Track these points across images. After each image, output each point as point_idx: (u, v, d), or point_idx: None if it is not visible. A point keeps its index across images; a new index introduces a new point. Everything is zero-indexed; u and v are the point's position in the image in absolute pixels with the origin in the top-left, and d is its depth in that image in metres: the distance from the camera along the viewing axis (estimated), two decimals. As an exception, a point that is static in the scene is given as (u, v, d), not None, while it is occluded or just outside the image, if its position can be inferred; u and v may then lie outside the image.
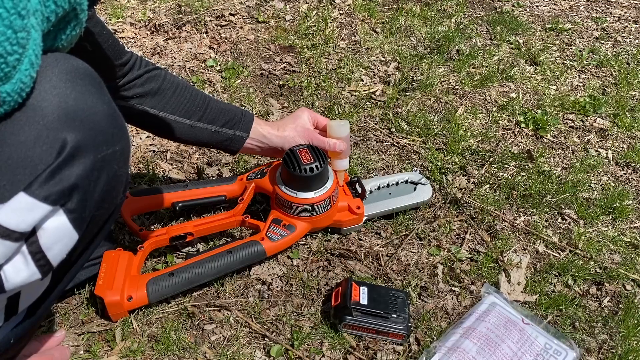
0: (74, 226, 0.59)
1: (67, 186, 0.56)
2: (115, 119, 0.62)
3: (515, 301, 1.06)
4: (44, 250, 0.57)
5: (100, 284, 0.94)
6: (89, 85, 0.59)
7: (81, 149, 0.56)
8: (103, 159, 0.59)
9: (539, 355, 0.95)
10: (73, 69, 0.59)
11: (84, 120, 0.57)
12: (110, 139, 0.60)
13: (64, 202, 0.57)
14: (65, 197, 0.56)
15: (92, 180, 0.59)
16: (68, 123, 0.56)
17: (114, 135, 0.61)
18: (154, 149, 1.35)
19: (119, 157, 0.63)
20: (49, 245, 0.58)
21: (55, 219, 0.57)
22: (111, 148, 0.61)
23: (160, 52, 1.68)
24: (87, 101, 0.58)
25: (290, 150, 1.07)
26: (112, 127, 0.61)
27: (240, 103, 1.52)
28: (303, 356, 0.94)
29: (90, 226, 0.64)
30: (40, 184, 0.54)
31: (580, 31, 2.08)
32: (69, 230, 0.59)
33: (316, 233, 1.15)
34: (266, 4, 1.98)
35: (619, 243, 1.22)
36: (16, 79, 0.50)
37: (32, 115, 0.54)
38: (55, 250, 0.59)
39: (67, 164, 0.55)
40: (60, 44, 0.59)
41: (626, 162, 1.48)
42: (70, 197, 0.57)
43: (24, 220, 0.54)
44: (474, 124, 1.54)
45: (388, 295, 1.00)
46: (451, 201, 1.27)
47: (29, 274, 0.57)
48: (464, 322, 0.99)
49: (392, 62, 1.76)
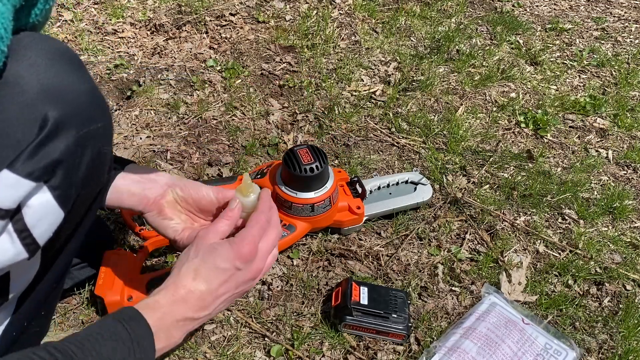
0: (58, 203, 0.59)
1: (51, 162, 0.56)
2: (96, 97, 0.61)
3: (516, 301, 1.06)
4: (29, 228, 0.57)
5: (100, 284, 0.94)
6: (69, 64, 0.59)
7: (63, 125, 0.56)
8: (86, 136, 0.59)
9: (539, 355, 0.95)
10: (52, 48, 0.58)
11: (65, 97, 0.57)
12: (93, 116, 0.60)
13: (47, 179, 0.56)
14: (49, 174, 0.56)
15: (76, 157, 0.59)
16: (49, 99, 0.55)
17: (96, 112, 0.61)
18: (154, 149, 1.35)
19: (102, 134, 0.62)
20: (34, 223, 0.57)
21: (39, 196, 0.57)
22: (93, 125, 0.60)
23: (160, 52, 1.68)
24: (67, 79, 0.58)
25: (291, 150, 1.07)
26: (93, 105, 0.61)
27: (241, 103, 1.52)
28: (303, 356, 0.94)
29: (77, 205, 0.64)
30: (23, 160, 0.53)
31: (580, 31, 2.08)
32: (54, 207, 0.58)
33: (316, 233, 1.15)
34: (266, 4, 1.98)
35: (619, 243, 1.22)
36: None
37: (12, 93, 0.53)
38: (41, 228, 0.58)
39: (49, 139, 0.55)
40: (36, 20, 0.59)
41: (626, 162, 1.48)
42: (54, 174, 0.57)
43: (9, 197, 0.53)
44: (474, 124, 1.54)
45: (388, 295, 1.00)
46: (451, 201, 1.27)
47: (15, 253, 0.57)
48: (464, 322, 0.99)
49: (392, 62, 1.76)
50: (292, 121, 1.48)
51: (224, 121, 1.45)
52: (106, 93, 1.51)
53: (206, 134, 1.41)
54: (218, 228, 0.74)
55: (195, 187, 0.82)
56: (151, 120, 1.43)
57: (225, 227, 0.74)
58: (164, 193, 0.81)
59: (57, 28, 1.73)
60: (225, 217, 0.76)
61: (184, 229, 0.80)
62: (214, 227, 0.74)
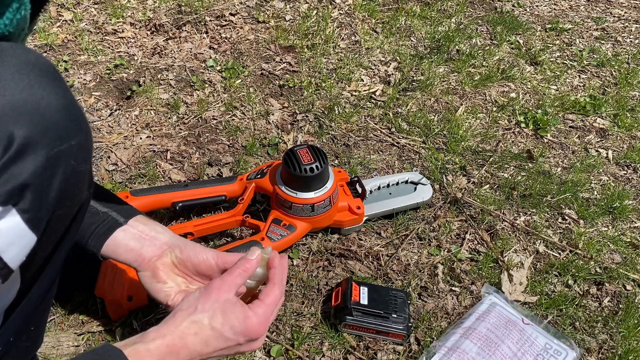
0: (29, 227, 0.56)
1: (18, 185, 0.52)
2: (70, 112, 0.57)
3: (516, 301, 1.06)
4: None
5: (100, 284, 0.94)
6: (40, 77, 0.55)
7: (31, 145, 0.52)
8: (57, 155, 0.55)
9: (539, 355, 0.95)
10: (23, 59, 0.54)
11: (33, 114, 0.53)
12: (64, 133, 0.56)
13: (15, 202, 0.53)
14: (16, 197, 0.53)
15: (45, 178, 0.55)
16: (15, 117, 0.51)
17: (68, 129, 0.57)
18: (154, 149, 1.35)
19: (76, 152, 0.58)
20: (4, 248, 0.54)
21: (7, 220, 0.53)
22: (65, 143, 0.56)
23: (160, 52, 1.68)
24: (37, 94, 0.54)
25: (291, 150, 1.07)
26: (67, 121, 0.57)
27: (241, 103, 1.52)
28: (303, 356, 0.94)
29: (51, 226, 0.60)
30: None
31: (580, 31, 2.08)
32: (24, 231, 0.55)
33: (316, 233, 1.15)
34: (266, 4, 1.98)
35: (619, 243, 1.22)
36: None
37: None
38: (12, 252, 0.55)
39: (15, 161, 0.52)
40: (5, 30, 0.55)
41: (626, 162, 1.48)
42: (22, 197, 0.53)
43: None
44: (474, 124, 1.54)
45: (388, 295, 1.00)
46: (451, 201, 1.27)
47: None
48: (464, 322, 0.99)
49: (392, 62, 1.76)
50: (292, 121, 1.48)
51: (224, 121, 1.45)
52: (106, 93, 1.51)
53: (206, 134, 1.41)
54: (233, 280, 0.71)
55: (195, 250, 0.79)
56: (151, 120, 1.43)
57: (240, 280, 0.71)
58: (162, 254, 0.79)
59: (57, 28, 1.73)
60: (242, 268, 0.72)
61: (178, 292, 0.78)
62: (228, 279, 0.71)
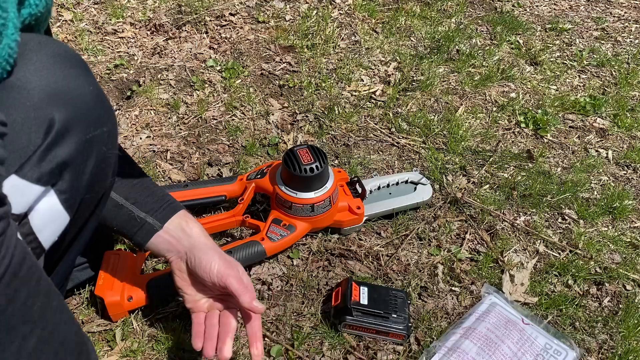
0: (65, 207, 0.59)
1: (58, 166, 0.56)
2: (102, 101, 0.62)
3: (516, 301, 1.06)
4: (35, 232, 0.57)
5: (100, 284, 0.94)
6: (75, 68, 0.59)
7: (69, 128, 0.56)
8: (91, 140, 0.59)
9: (539, 355, 0.95)
10: (57, 51, 0.58)
11: (71, 100, 0.57)
12: (98, 120, 0.60)
13: (54, 182, 0.57)
14: (55, 177, 0.56)
15: (82, 161, 0.59)
16: (55, 102, 0.55)
17: (101, 116, 0.61)
18: (154, 149, 1.35)
19: (107, 138, 0.62)
20: (40, 228, 0.57)
21: (46, 200, 0.57)
22: (99, 129, 0.60)
23: (160, 52, 1.68)
24: (73, 82, 0.58)
25: (290, 150, 1.07)
26: (99, 108, 0.61)
27: (241, 103, 1.52)
28: (303, 356, 0.94)
29: (81, 209, 0.64)
30: (31, 166, 0.53)
31: (580, 31, 2.08)
32: (60, 211, 0.59)
33: (316, 233, 1.15)
34: (266, 4, 1.98)
35: (619, 243, 1.22)
36: (4, 44, 0.49)
37: (18, 97, 0.53)
38: (47, 232, 0.59)
39: (56, 143, 0.55)
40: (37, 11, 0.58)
41: (626, 162, 1.48)
42: (61, 177, 0.57)
43: (18, 203, 0.53)
44: (474, 124, 1.54)
45: (388, 295, 1.00)
46: (451, 201, 1.27)
47: None
48: (464, 322, 0.99)
49: (392, 62, 1.76)
50: (292, 121, 1.48)
51: (223, 121, 1.45)
52: (106, 93, 1.50)
53: (206, 134, 1.41)
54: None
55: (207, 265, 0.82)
56: (151, 120, 1.43)
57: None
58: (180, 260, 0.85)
59: (57, 28, 1.73)
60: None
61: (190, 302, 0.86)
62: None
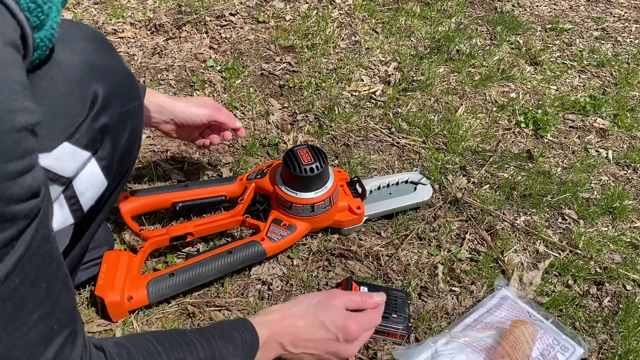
0: (104, 173, 0.66)
1: (101, 135, 0.63)
2: (133, 78, 0.70)
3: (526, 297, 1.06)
4: (77, 195, 0.63)
5: (100, 284, 0.94)
6: (106, 46, 0.67)
7: (110, 101, 0.63)
8: (127, 112, 0.67)
9: (545, 350, 0.96)
10: (92, 33, 0.66)
11: (109, 77, 0.64)
12: (131, 95, 0.68)
13: (96, 150, 0.63)
14: (98, 144, 0.63)
15: (119, 131, 0.66)
16: (96, 77, 0.62)
17: (134, 92, 0.69)
18: (154, 149, 1.35)
19: (138, 112, 0.70)
20: (83, 191, 0.64)
21: (89, 167, 0.63)
22: (133, 103, 0.68)
23: (160, 52, 1.68)
24: (108, 60, 0.65)
25: (291, 150, 1.07)
26: (131, 85, 0.69)
27: (241, 103, 1.52)
28: (303, 356, 0.94)
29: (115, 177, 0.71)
30: (81, 133, 0.60)
31: (580, 31, 2.08)
32: (100, 177, 0.65)
33: (316, 233, 1.15)
34: (266, 4, 1.98)
35: (619, 243, 1.22)
36: (48, 25, 0.53)
37: (64, 71, 0.60)
38: (88, 195, 0.65)
39: (100, 114, 0.62)
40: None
41: (626, 162, 1.48)
42: (102, 145, 0.64)
43: (69, 166, 0.60)
44: (474, 124, 1.54)
45: (388, 295, 1.00)
46: (451, 201, 1.27)
47: (63, 219, 0.63)
48: (473, 314, 1.00)
49: (392, 62, 1.76)
50: (292, 121, 1.48)
51: (224, 121, 1.45)
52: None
53: (206, 134, 1.41)
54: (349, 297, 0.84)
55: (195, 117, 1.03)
56: (151, 120, 1.43)
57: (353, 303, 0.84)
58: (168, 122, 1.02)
59: (57, 28, 1.73)
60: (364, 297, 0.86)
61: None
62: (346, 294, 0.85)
